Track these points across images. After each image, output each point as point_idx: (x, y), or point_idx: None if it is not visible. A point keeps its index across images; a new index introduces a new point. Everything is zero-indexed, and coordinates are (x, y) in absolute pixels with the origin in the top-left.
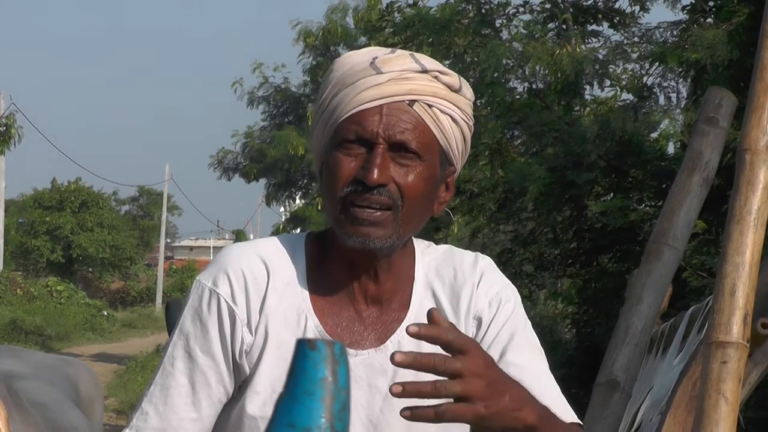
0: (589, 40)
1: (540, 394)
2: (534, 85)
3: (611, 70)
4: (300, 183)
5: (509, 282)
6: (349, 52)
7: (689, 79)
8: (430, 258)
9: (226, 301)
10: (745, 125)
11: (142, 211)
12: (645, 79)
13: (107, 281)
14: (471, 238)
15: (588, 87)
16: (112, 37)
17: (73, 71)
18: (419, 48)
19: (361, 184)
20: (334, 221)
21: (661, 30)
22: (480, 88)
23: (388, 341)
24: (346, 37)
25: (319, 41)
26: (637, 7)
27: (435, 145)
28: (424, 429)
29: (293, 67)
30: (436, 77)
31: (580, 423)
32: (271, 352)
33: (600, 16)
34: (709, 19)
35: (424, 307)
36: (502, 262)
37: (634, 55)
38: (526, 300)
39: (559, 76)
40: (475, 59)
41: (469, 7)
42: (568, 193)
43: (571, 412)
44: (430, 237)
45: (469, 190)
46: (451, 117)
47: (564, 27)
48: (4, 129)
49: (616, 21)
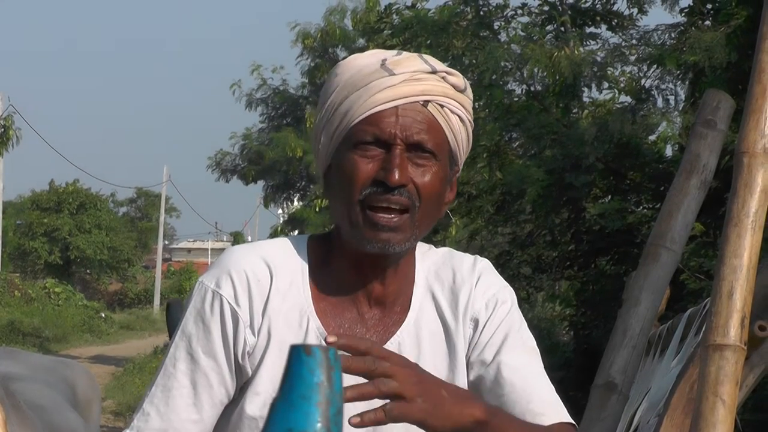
0: (587, 43)
1: (533, 393)
2: (532, 88)
3: (609, 73)
4: (298, 185)
5: (506, 284)
6: (352, 55)
7: (687, 82)
8: (430, 261)
9: (228, 302)
10: (743, 128)
11: (140, 213)
12: (643, 81)
13: (105, 283)
14: (469, 240)
15: (586, 89)
16: (110, 39)
17: (71, 73)
18: (417, 50)
19: (381, 185)
20: (350, 225)
21: (659, 32)
22: (478, 90)
23: (389, 342)
24: (345, 39)
25: (317, 43)
26: (635, 10)
27: (446, 145)
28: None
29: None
30: (444, 78)
31: (575, 424)
32: (274, 354)
33: (598, 18)
34: (707, 22)
35: (424, 310)
36: (500, 264)
37: (632, 58)
38: (524, 302)
39: (557, 78)
40: (474, 61)
41: (468, 9)
42: (566, 196)
43: (565, 412)
44: (428, 239)
45: (468, 192)
46: (459, 117)
47: (562, 29)
48: (2, 130)
49: (614, 23)
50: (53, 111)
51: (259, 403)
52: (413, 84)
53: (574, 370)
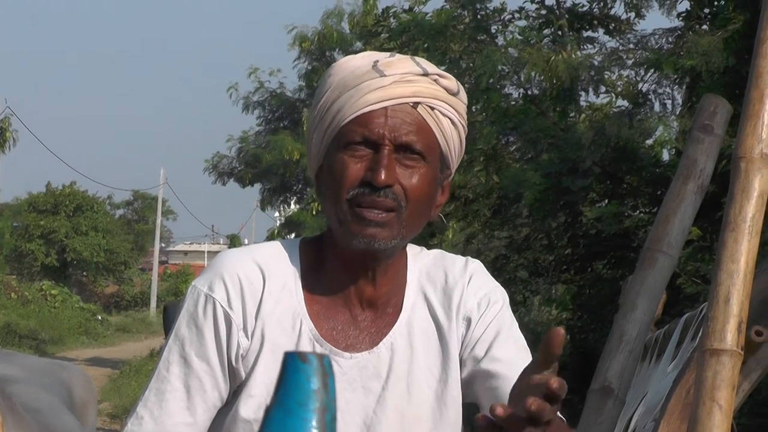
0: (585, 47)
1: None
2: (529, 91)
3: (606, 77)
4: (295, 188)
5: (498, 284)
6: (346, 56)
7: (684, 86)
8: (421, 263)
9: (222, 306)
10: (741, 133)
11: (136, 216)
12: (640, 85)
13: (101, 285)
14: (466, 244)
15: (583, 93)
16: (108, 42)
17: (69, 75)
18: (415, 53)
19: (368, 186)
20: (338, 222)
21: (656, 37)
22: (475, 93)
23: (381, 343)
24: (342, 42)
25: (314, 46)
26: (632, 14)
27: (436, 147)
28: (418, 430)
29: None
30: (435, 80)
31: (564, 419)
32: (267, 357)
33: (595, 22)
34: (704, 26)
35: (416, 311)
36: (497, 268)
37: (630, 62)
38: (521, 306)
39: (554, 82)
40: (471, 65)
41: (465, 12)
42: (563, 200)
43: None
44: (425, 243)
45: (464, 195)
46: (450, 120)
47: (559, 33)
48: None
49: (611, 27)
50: (50, 113)
51: (252, 405)
52: (403, 85)
53: (570, 374)
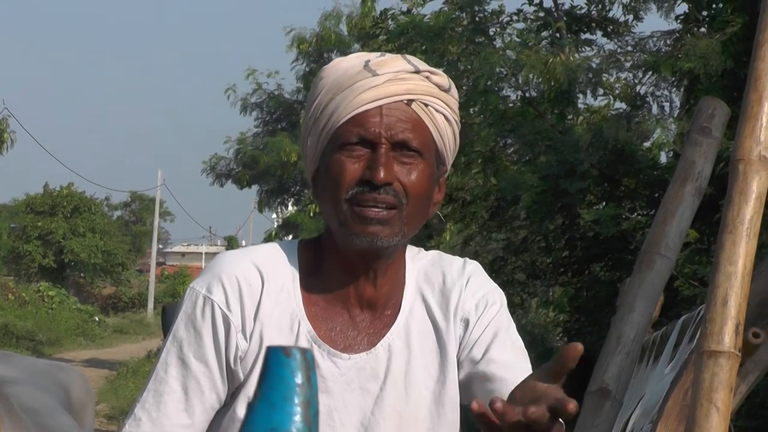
0: (583, 49)
1: None
2: (527, 94)
3: (604, 79)
4: (292, 189)
5: (496, 285)
6: (337, 58)
7: (682, 89)
8: (419, 263)
9: (220, 307)
10: (739, 135)
11: (134, 217)
12: (638, 88)
13: (99, 287)
14: (463, 246)
15: (581, 96)
16: (105, 43)
17: (66, 76)
18: (412, 55)
19: (368, 185)
20: (338, 223)
21: (654, 39)
22: (473, 96)
23: (379, 345)
24: (340, 44)
25: (312, 48)
26: (630, 16)
27: (432, 143)
28: (415, 431)
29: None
30: (427, 77)
31: (562, 423)
32: None
33: (593, 24)
34: (702, 29)
35: (414, 312)
36: (494, 269)
37: (628, 64)
38: (518, 308)
39: (552, 84)
40: (469, 67)
41: (463, 15)
42: (561, 202)
43: None
44: (422, 245)
45: (462, 197)
46: (444, 116)
47: (557, 35)
48: None
49: (609, 30)
50: (48, 114)
51: None
52: (397, 83)
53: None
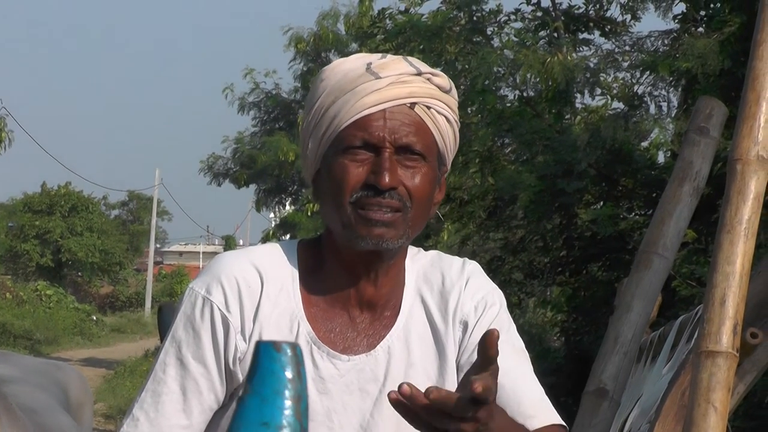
0: (580, 49)
1: (524, 395)
2: (525, 93)
3: (602, 79)
4: (290, 189)
5: (495, 286)
6: (337, 60)
7: (680, 89)
8: (419, 264)
9: (219, 309)
10: (737, 135)
11: (131, 216)
12: (636, 87)
13: (96, 286)
14: (461, 246)
15: (579, 95)
16: (104, 43)
17: (64, 76)
18: (410, 55)
19: (372, 189)
20: (342, 225)
21: (652, 39)
22: (471, 95)
23: (378, 346)
24: (338, 44)
25: (310, 47)
26: (628, 16)
27: (435, 146)
28: None
29: (284, 73)
30: (429, 79)
31: (566, 425)
32: None
33: (591, 24)
34: (700, 29)
35: (413, 314)
36: (492, 269)
37: (625, 64)
38: (516, 308)
39: (550, 84)
40: (466, 66)
41: (461, 14)
42: (558, 201)
43: (555, 413)
44: (420, 244)
45: (459, 197)
46: (446, 117)
47: (555, 35)
48: None
49: (607, 29)
50: (45, 113)
51: None
52: (400, 86)
53: (564, 376)
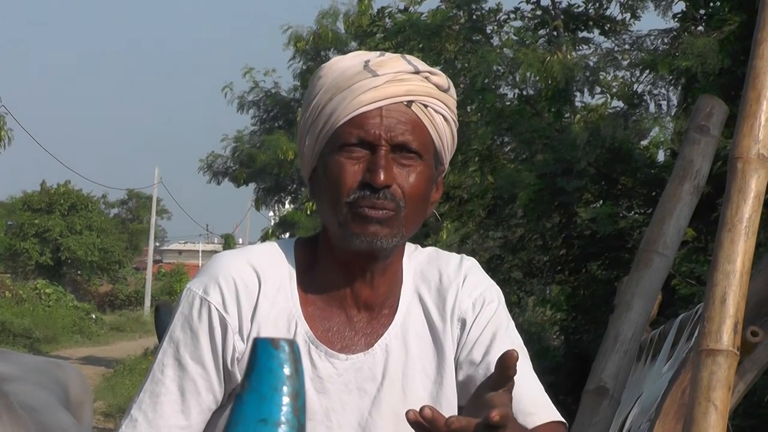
0: (580, 47)
1: (523, 393)
2: (524, 92)
3: (602, 78)
4: (289, 188)
5: (493, 283)
6: (335, 57)
7: (680, 87)
8: (416, 261)
9: (217, 309)
10: (737, 133)
11: (131, 215)
12: (635, 86)
13: (96, 284)
14: (460, 245)
15: (578, 94)
16: (102, 41)
17: (64, 74)
18: (410, 54)
19: (368, 187)
20: (337, 225)
21: (651, 38)
22: (470, 94)
23: (376, 345)
24: (337, 42)
25: (309, 46)
26: (628, 15)
27: (431, 145)
28: None
29: (284, 71)
30: (427, 78)
31: (565, 422)
32: None
33: (591, 23)
34: (700, 28)
35: (411, 312)
36: (491, 268)
37: (625, 63)
38: (515, 306)
39: (549, 82)
40: (466, 65)
41: (460, 13)
42: (558, 200)
43: (555, 411)
44: (420, 242)
45: (459, 196)
46: (443, 116)
47: (555, 34)
48: None
49: (606, 28)
50: (45, 112)
51: None
52: (397, 84)
53: (564, 374)
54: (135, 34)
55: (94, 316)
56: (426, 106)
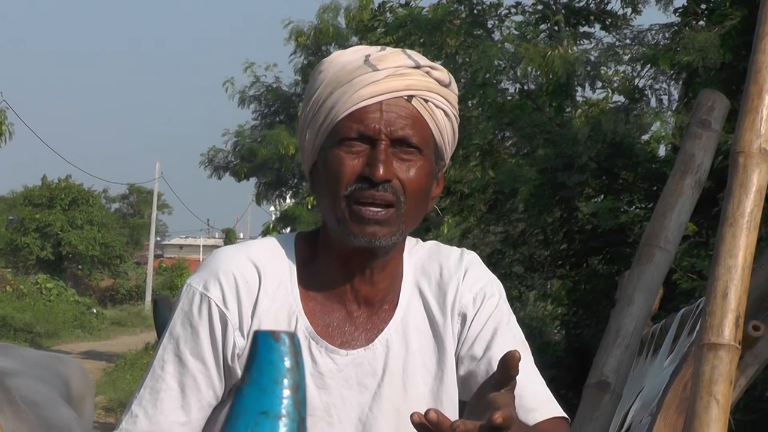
0: (581, 42)
1: (525, 388)
2: (525, 87)
3: (603, 72)
4: (290, 182)
5: (494, 277)
6: (336, 52)
7: (681, 82)
8: (417, 256)
9: (217, 305)
10: (739, 128)
11: (132, 209)
12: (636, 81)
13: (97, 279)
14: (461, 239)
15: (579, 89)
16: (103, 36)
17: (65, 69)
18: (411, 48)
19: (367, 181)
20: (336, 220)
21: (653, 32)
22: (471, 89)
23: (376, 340)
24: (338, 37)
25: (310, 41)
26: (629, 9)
27: (431, 139)
28: (412, 429)
29: (284, 66)
30: (428, 72)
31: (568, 417)
32: None
33: (592, 17)
34: (701, 22)
35: (411, 307)
36: (492, 263)
37: (626, 57)
38: (516, 301)
39: (550, 77)
40: (467, 60)
41: (461, 7)
42: (559, 195)
43: (558, 406)
44: (420, 237)
45: (460, 190)
46: (444, 111)
47: (556, 28)
48: None
49: (608, 23)
50: (46, 106)
51: None
52: (397, 79)
53: (565, 369)
54: (136, 28)
55: (95, 311)
56: (426, 101)
